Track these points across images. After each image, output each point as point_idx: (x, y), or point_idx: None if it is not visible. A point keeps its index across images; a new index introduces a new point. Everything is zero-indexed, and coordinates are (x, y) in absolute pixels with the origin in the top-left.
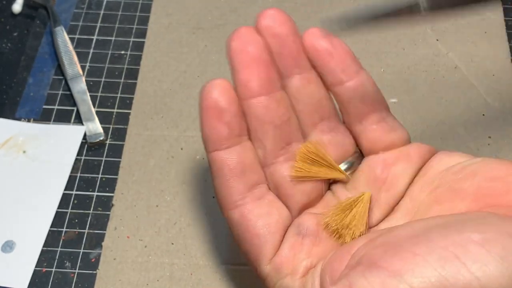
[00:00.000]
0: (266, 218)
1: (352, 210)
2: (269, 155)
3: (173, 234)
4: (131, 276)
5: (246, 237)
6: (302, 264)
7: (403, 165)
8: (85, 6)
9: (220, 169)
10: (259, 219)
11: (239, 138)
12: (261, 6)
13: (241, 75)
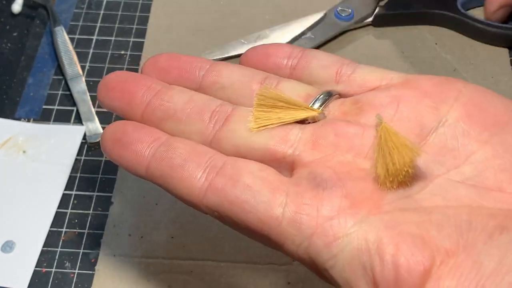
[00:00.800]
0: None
1: (383, 146)
2: (205, 133)
3: (172, 231)
4: (130, 274)
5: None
6: (330, 223)
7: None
8: (85, 6)
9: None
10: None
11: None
12: (261, 9)
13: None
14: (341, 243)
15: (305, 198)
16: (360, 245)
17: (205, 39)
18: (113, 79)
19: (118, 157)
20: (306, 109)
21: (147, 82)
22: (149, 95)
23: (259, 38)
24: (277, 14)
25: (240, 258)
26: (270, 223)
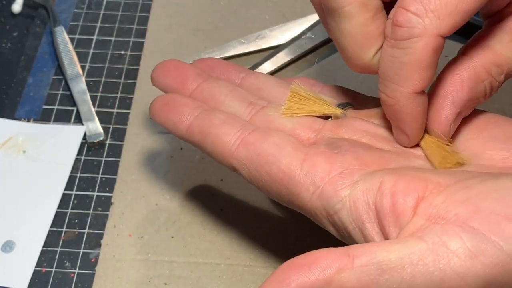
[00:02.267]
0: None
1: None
2: (242, 115)
3: (172, 232)
4: (130, 274)
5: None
6: (340, 174)
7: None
8: (85, 6)
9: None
10: (270, 138)
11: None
12: (260, 9)
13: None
14: (348, 189)
15: (321, 156)
16: (364, 188)
17: (205, 39)
18: (171, 63)
19: (164, 118)
20: (331, 107)
21: (199, 70)
22: (200, 80)
23: (258, 38)
24: (277, 14)
25: (240, 259)
26: (290, 173)
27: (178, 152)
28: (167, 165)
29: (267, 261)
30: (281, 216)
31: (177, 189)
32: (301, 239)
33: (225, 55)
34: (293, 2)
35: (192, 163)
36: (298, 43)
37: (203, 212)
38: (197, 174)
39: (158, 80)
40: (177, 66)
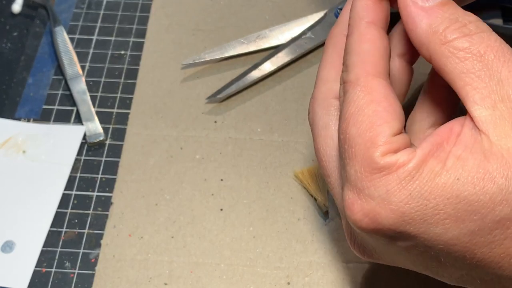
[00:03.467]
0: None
1: None
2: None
3: (172, 232)
4: (130, 274)
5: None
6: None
7: None
8: (85, 6)
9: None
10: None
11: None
12: (260, 9)
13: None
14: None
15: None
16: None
17: (205, 39)
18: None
19: None
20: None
21: None
22: None
23: (258, 38)
24: (277, 14)
25: (240, 259)
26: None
27: (178, 152)
28: (167, 165)
29: (267, 261)
30: (281, 217)
31: (177, 189)
32: (301, 240)
33: (225, 55)
34: (293, 2)
35: (192, 163)
36: (298, 43)
37: (203, 212)
38: (197, 174)
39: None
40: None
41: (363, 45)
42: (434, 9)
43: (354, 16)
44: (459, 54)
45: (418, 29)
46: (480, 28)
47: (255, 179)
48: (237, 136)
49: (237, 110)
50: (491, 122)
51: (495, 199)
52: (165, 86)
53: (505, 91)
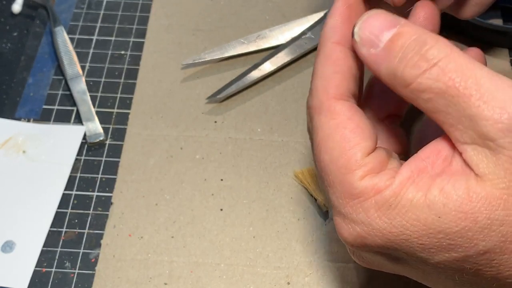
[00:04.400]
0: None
1: None
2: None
3: (172, 232)
4: (130, 274)
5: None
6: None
7: None
8: (85, 6)
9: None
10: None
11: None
12: (260, 9)
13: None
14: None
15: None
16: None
17: (205, 39)
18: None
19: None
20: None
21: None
22: None
23: (258, 38)
24: (277, 14)
25: (239, 259)
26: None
27: (178, 152)
28: (167, 165)
29: (267, 261)
30: (281, 217)
31: (177, 189)
32: (301, 240)
33: (225, 55)
34: (293, 2)
35: (192, 163)
36: (298, 43)
37: (203, 212)
38: (197, 174)
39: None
40: None
41: (326, 67)
42: (387, 49)
43: (322, 35)
44: (423, 95)
45: (381, 75)
46: (438, 55)
47: (255, 179)
48: (237, 136)
49: (237, 110)
50: (476, 159)
51: (477, 236)
52: (165, 86)
53: (480, 129)
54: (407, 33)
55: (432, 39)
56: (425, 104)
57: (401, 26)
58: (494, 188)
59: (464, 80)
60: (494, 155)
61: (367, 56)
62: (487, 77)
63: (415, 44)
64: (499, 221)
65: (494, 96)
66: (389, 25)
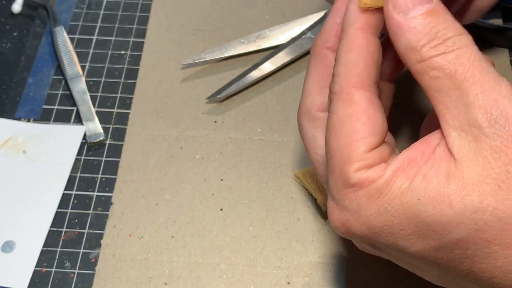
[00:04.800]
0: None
1: None
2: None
3: (172, 232)
4: (130, 274)
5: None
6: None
7: None
8: (85, 6)
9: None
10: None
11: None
12: (260, 9)
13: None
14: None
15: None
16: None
17: (204, 39)
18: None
19: None
20: None
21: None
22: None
23: (258, 38)
24: (277, 14)
25: (239, 259)
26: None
27: (178, 152)
28: (167, 165)
29: (267, 261)
30: (281, 217)
31: (177, 189)
32: (301, 240)
33: (225, 55)
34: (293, 2)
35: (192, 163)
36: (298, 43)
37: (203, 212)
38: (197, 174)
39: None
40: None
41: (349, 54)
42: (416, 21)
43: (345, 20)
44: (432, 73)
45: (399, 44)
46: (458, 44)
47: (255, 179)
48: (237, 136)
49: (237, 110)
50: (459, 144)
51: (452, 222)
52: (165, 86)
53: (471, 116)
54: (439, 14)
55: (457, 29)
56: (431, 81)
57: (434, 4)
58: (472, 173)
59: (473, 69)
60: (476, 143)
61: (394, 19)
62: (492, 73)
63: (442, 29)
64: (473, 207)
65: (492, 90)
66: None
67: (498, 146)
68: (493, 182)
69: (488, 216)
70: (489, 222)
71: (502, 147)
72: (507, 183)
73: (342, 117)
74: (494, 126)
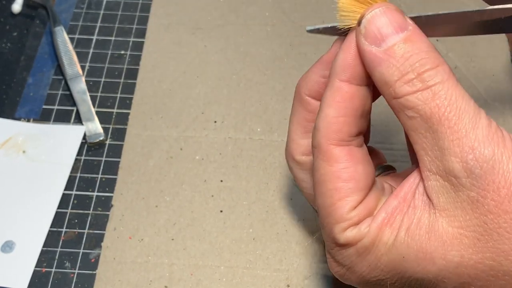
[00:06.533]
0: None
1: None
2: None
3: (172, 234)
4: (131, 277)
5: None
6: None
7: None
8: (85, 6)
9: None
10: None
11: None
12: (260, 6)
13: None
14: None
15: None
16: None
17: (204, 37)
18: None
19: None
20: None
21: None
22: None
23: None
24: (277, 11)
25: (239, 261)
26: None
27: (178, 152)
28: (167, 166)
29: (267, 263)
30: (281, 218)
31: (177, 191)
32: (301, 242)
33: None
34: None
35: (192, 163)
36: None
37: (203, 214)
38: (197, 174)
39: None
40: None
41: (330, 110)
42: (388, 53)
43: (332, 69)
44: (407, 112)
45: (374, 77)
46: (434, 79)
47: (255, 180)
48: (237, 136)
49: (237, 110)
50: (437, 191)
51: (437, 277)
52: (165, 86)
53: (447, 163)
54: (413, 43)
55: (434, 60)
56: (407, 120)
57: (408, 32)
58: (450, 227)
59: (449, 111)
60: (454, 192)
61: (367, 52)
62: (469, 113)
63: (417, 60)
64: (454, 262)
65: (468, 134)
66: (397, 27)
67: (475, 197)
68: (472, 235)
69: (471, 270)
70: (472, 275)
71: (479, 198)
72: (485, 235)
73: (324, 176)
74: (470, 177)
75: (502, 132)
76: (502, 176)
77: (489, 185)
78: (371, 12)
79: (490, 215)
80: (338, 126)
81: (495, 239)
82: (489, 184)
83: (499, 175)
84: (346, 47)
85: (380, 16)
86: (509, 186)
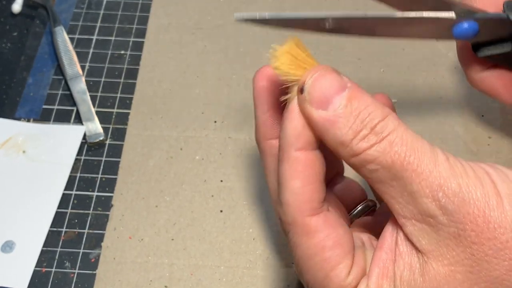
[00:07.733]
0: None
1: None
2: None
3: (172, 234)
4: (131, 277)
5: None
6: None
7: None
8: (85, 6)
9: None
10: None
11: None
12: (260, 6)
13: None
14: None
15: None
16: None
17: (204, 37)
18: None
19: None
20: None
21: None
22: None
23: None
24: (277, 10)
25: (239, 261)
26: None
27: (178, 152)
28: (167, 166)
29: (267, 263)
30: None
31: (177, 191)
32: None
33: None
34: None
35: (192, 164)
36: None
37: (203, 214)
38: (197, 174)
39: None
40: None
41: (294, 182)
42: (338, 115)
43: (283, 139)
44: (369, 166)
45: (327, 140)
46: (387, 129)
47: (255, 180)
48: (237, 136)
49: (237, 110)
50: (417, 235)
51: None
52: (165, 86)
53: (421, 206)
54: (358, 99)
55: (381, 111)
56: (370, 174)
57: (350, 90)
58: (441, 266)
59: (408, 155)
60: (435, 232)
61: (316, 117)
62: (426, 152)
63: (366, 116)
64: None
65: (432, 173)
66: (338, 87)
67: (456, 232)
68: (463, 270)
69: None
70: None
71: (459, 231)
72: (475, 266)
73: (308, 250)
74: (446, 213)
75: (460, 163)
76: (474, 205)
77: (465, 217)
78: (311, 77)
79: (475, 246)
80: (308, 195)
81: (486, 267)
82: (465, 216)
83: (472, 205)
84: (291, 116)
85: (320, 79)
86: (483, 213)
